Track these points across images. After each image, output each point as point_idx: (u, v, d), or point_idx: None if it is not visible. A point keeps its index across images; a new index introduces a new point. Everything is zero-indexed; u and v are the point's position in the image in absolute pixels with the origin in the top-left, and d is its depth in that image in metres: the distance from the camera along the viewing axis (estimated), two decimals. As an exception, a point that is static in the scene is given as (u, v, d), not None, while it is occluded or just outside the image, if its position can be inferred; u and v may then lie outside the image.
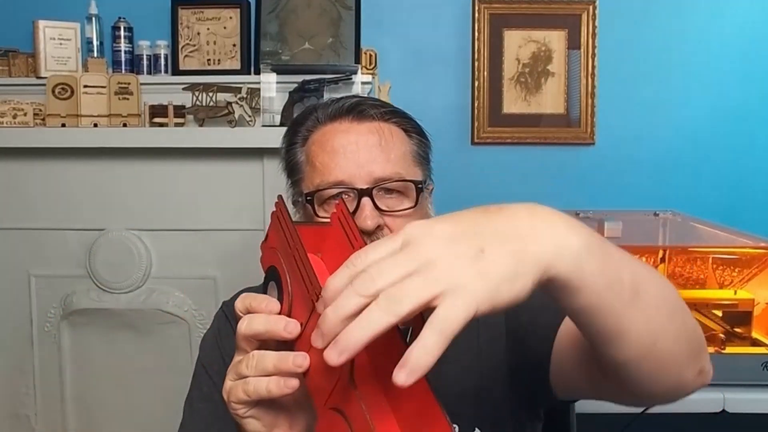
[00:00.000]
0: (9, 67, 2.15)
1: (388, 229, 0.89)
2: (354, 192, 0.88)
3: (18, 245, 2.21)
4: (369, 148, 0.90)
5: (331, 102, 0.95)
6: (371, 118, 0.92)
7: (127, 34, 2.19)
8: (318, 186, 0.90)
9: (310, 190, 0.91)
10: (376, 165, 0.89)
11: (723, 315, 1.63)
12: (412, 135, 0.95)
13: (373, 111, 0.92)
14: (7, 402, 2.28)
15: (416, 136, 0.96)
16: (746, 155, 2.31)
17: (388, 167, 0.89)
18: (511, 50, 2.31)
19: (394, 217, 0.89)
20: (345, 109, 0.92)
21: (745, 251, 1.64)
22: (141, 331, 2.20)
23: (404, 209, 0.90)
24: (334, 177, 0.89)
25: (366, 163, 0.89)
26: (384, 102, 0.97)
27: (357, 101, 0.93)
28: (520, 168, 2.33)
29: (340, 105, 0.93)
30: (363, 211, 0.87)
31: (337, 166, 0.89)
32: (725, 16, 2.29)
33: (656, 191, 2.30)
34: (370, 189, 0.88)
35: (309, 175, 0.92)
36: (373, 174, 0.89)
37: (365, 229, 0.86)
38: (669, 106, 2.31)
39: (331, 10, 2.21)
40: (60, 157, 2.14)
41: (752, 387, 1.47)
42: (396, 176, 0.89)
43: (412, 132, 0.95)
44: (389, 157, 0.90)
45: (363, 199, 0.87)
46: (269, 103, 2.06)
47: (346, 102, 0.93)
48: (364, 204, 0.87)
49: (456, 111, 2.30)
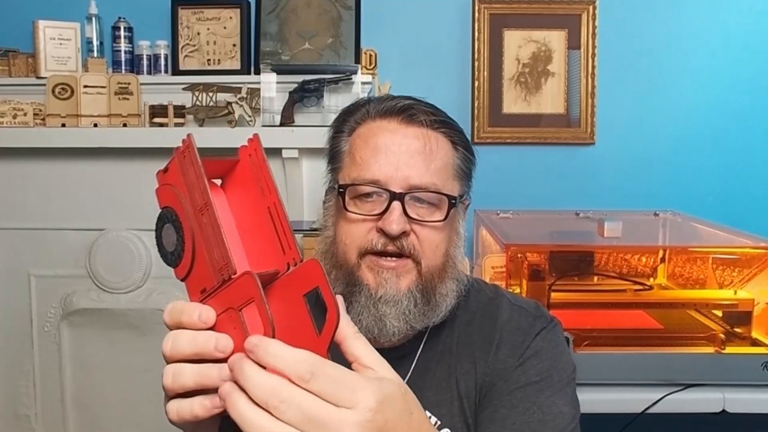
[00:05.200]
0: (9, 67, 2.15)
1: (414, 236, 0.88)
2: (387, 194, 0.87)
3: (18, 245, 2.21)
4: (411, 153, 0.88)
5: (386, 98, 0.94)
6: (420, 123, 0.90)
7: (127, 34, 2.19)
8: (354, 180, 0.89)
9: (345, 183, 0.90)
10: (414, 171, 0.87)
11: (723, 315, 1.63)
12: (458, 148, 0.94)
13: (423, 117, 0.90)
14: (7, 402, 2.28)
15: (462, 149, 0.94)
16: (746, 155, 2.31)
17: (425, 176, 0.88)
18: (511, 50, 2.31)
19: (422, 226, 0.88)
20: (396, 109, 0.91)
21: (745, 251, 1.64)
22: (141, 331, 2.20)
23: (433, 221, 0.89)
24: (371, 175, 0.88)
25: (405, 167, 0.87)
26: (438, 109, 0.95)
27: (410, 103, 0.92)
28: (520, 168, 2.33)
29: (393, 104, 0.91)
30: (391, 215, 0.86)
31: (376, 163, 0.88)
32: (725, 16, 2.29)
33: (656, 191, 2.30)
34: (403, 194, 0.87)
35: (348, 166, 0.91)
36: (409, 180, 0.87)
37: (390, 233, 0.85)
38: (669, 106, 2.31)
39: (331, 10, 2.21)
40: (60, 157, 2.14)
41: (752, 387, 1.47)
42: (431, 187, 0.88)
43: (459, 145, 0.94)
44: (429, 166, 0.88)
45: (393, 202, 0.86)
46: (269, 103, 2.06)
47: (399, 102, 0.92)
48: (393, 207, 0.86)
49: (456, 111, 2.26)
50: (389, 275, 0.87)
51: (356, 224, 0.88)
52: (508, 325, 0.93)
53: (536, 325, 0.94)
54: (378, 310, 0.86)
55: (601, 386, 1.45)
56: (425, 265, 0.88)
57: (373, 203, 0.88)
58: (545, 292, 1.56)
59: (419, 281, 0.88)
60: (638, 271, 1.88)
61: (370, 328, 0.87)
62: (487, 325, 0.94)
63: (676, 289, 1.82)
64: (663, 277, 1.88)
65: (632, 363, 1.48)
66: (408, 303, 0.87)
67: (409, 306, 0.87)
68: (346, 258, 0.89)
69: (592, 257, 1.80)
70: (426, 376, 0.93)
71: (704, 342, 1.54)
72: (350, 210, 0.88)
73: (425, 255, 0.88)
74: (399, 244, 0.86)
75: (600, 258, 1.82)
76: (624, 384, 1.48)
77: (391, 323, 0.86)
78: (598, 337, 1.54)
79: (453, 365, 0.93)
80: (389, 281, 0.87)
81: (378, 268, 0.87)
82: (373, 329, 0.87)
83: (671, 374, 1.48)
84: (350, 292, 0.88)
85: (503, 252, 1.59)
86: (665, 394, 1.45)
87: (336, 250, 0.90)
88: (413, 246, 0.87)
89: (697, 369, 1.48)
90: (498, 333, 0.93)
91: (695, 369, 1.48)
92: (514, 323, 0.94)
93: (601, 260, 1.82)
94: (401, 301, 0.87)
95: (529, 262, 1.60)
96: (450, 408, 0.91)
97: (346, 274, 0.88)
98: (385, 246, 0.87)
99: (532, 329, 0.93)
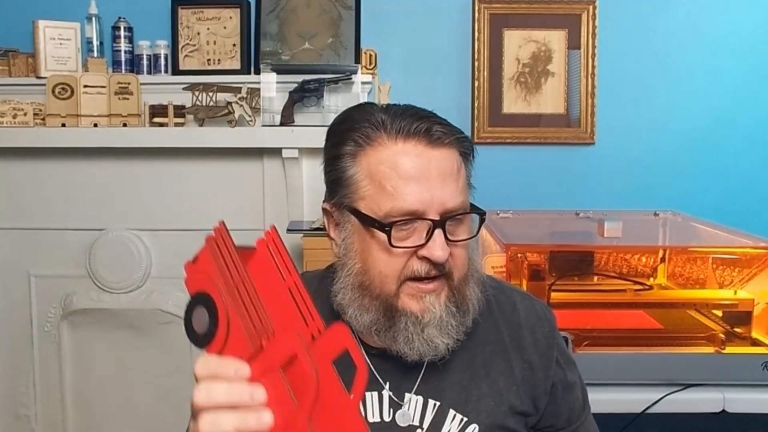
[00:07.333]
0: (9, 67, 2.15)
1: (451, 257, 0.87)
2: (427, 222, 0.86)
3: (18, 245, 2.21)
4: (442, 177, 0.86)
5: (399, 116, 0.89)
6: (444, 145, 0.88)
7: (127, 34, 2.19)
8: (389, 212, 0.86)
9: (379, 216, 0.86)
10: (448, 195, 0.86)
11: (723, 315, 1.63)
12: (468, 157, 0.92)
13: (446, 138, 0.88)
14: (7, 402, 2.28)
15: (470, 158, 0.93)
16: (746, 155, 2.31)
17: (458, 197, 0.87)
18: (511, 50, 2.31)
19: (456, 246, 0.88)
20: (421, 132, 0.87)
21: (745, 251, 1.64)
22: (141, 331, 2.20)
23: (467, 239, 0.90)
24: (409, 205, 0.85)
25: (439, 193, 0.86)
26: (448, 122, 0.91)
27: (431, 125, 0.88)
28: (520, 168, 2.33)
29: (414, 126, 0.87)
30: (435, 243, 0.85)
31: (411, 193, 0.85)
32: (725, 16, 2.29)
33: (656, 191, 2.30)
34: (444, 221, 0.86)
35: (374, 195, 0.87)
36: (446, 205, 0.86)
37: (436, 261, 0.85)
38: (669, 106, 2.31)
39: (331, 10, 2.21)
40: (60, 157, 2.14)
41: (752, 387, 1.47)
42: (463, 207, 0.88)
43: (468, 154, 0.93)
44: (458, 186, 0.88)
45: (436, 231, 0.85)
46: (269, 103, 2.06)
47: (421, 124, 0.87)
48: (436, 236, 0.85)
49: (456, 111, 2.29)
50: (432, 298, 0.87)
51: (398, 256, 0.87)
52: (527, 320, 1.00)
53: (548, 314, 1.02)
54: (426, 333, 0.87)
55: (601, 386, 1.44)
56: (456, 278, 0.89)
57: (408, 231, 0.87)
58: (545, 292, 1.56)
59: (452, 294, 0.89)
60: (638, 271, 1.87)
61: (423, 352, 0.87)
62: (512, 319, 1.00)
63: (676, 289, 1.82)
64: (663, 277, 1.87)
65: (632, 363, 1.48)
66: (448, 318, 0.88)
67: (449, 320, 0.88)
68: (383, 289, 0.88)
69: (592, 257, 1.80)
70: (444, 374, 0.94)
71: (704, 342, 1.54)
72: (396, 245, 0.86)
73: (457, 269, 0.89)
74: (441, 268, 0.87)
75: (600, 258, 1.82)
76: (624, 384, 1.48)
77: (441, 342, 0.87)
78: (598, 337, 1.54)
79: (479, 364, 0.95)
80: (435, 305, 0.87)
81: (420, 294, 0.87)
82: (427, 353, 0.87)
83: (671, 374, 1.47)
84: (392, 322, 0.88)
85: (503, 252, 1.59)
86: (665, 394, 1.45)
87: (370, 282, 0.88)
88: (450, 266, 0.88)
89: (697, 369, 1.47)
90: (525, 329, 0.99)
91: (695, 369, 1.47)
92: (533, 317, 1.01)
93: (601, 260, 1.82)
94: (443, 318, 0.87)
95: (529, 262, 1.60)
96: (476, 405, 0.93)
97: (384, 303, 0.88)
98: (429, 272, 0.87)
99: (546, 319, 1.01)
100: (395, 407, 0.92)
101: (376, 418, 0.92)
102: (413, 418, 0.92)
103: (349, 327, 0.90)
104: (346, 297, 0.90)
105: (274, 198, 2.12)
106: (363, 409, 0.92)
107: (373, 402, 0.93)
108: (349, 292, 0.90)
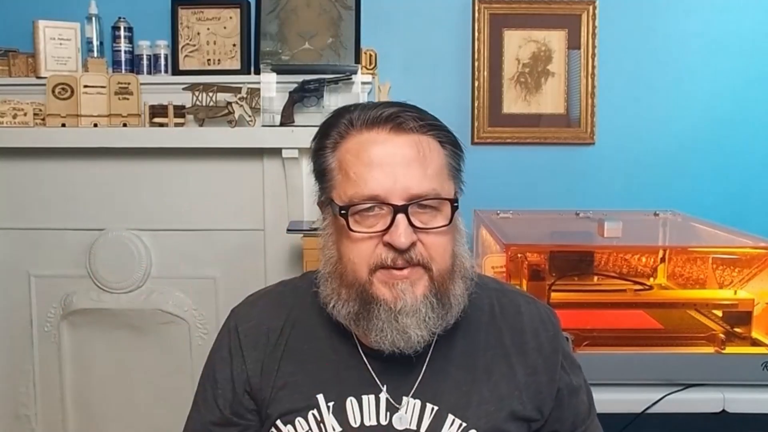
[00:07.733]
0: (9, 67, 2.15)
1: (421, 244, 0.87)
2: (389, 207, 0.86)
3: (18, 245, 2.21)
4: (406, 162, 0.87)
5: (367, 107, 0.91)
6: (410, 130, 0.88)
7: (127, 34, 2.19)
8: (351, 198, 0.87)
9: (343, 202, 0.88)
10: (413, 181, 0.86)
11: (723, 315, 1.63)
12: (446, 146, 0.92)
13: (412, 123, 0.88)
14: (7, 402, 2.28)
15: (450, 146, 0.93)
16: (746, 155, 2.31)
17: (424, 183, 0.87)
18: (511, 50, 2.31)
19: (428, 233, 0.87)
20: (383, 119, 0.89)
21: (745, 251, 1.64)
22: (141, 331, 2.20)
23: (438, 227, 0.88)
24: (370, 191, 0.86)
25: (403, 178, 0.86)
26: (422, 112, 0.92)
27: (396, 111, 0.89)
28: (520, 168, 2.33)
29: (377, 114, 0.89)
30: (397, 228, 0.85)
31: (373, 179, 0.86)
32: (725, 16, 2.29)
33: (656, 191, 2.30)
34: (406, 206, 0.86)
35: (341, 184, 0.89)
36: (410, 190, 0.86)
37: (399, 247, 0.85)
38: (669, 106, 2.31)
39: (331, 10, 2.21)
40: (60, 157, 2.14)
41: (752, 387, 1.47)
42: (432, 193, 0.87)
43: (446, 143, 0.92)
44: (426, 172, 0.87)
45: (398, 216, 0.85)
46: (269, 103, 2.06)
47: (384, 111, 0.89)
48: (398, 221, 0.85)
49: (456, 111, 2.30)
50: (404, 285, 0.87)
51: (362, 242, 0.87)
52: (531, 324, 0.99)
53: (552, 318, 1.02)
54: (399, 323, 0.86)
55: (601, 386, 1.44)
56: (436, 270, 0.88)
57: (375, 217, 0.87)
58: (545, 292, 1.56)
59: (432, 286, 0.88)
60: (638, 271, 1.87)
61: (396, 341, 0.87)
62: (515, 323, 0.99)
63: (676, 289, 1.82)
64: (663, 277, 1.88)
65: (632, 363, 1.48)
66: (426, 310, 0.87)
67: (427, 313, 0.87)
68: (356, 276, 0.88)
69: (592, 257, 1.80)
70: (443, 378, 0.93)
71: (704, 342, 1.54)
72: (355, 230, 0.87)
73: (435, 260, 0.88)
74: (408, 257, 0.86)
75: (600, 258, 1.82)
76: (624, 384, 1.48)
77: (414, 333, 0.87)
78: (598, 337, 1.54)
79: (481, 368, 0.94)
80: (406, 292, 0.87)
81: (392, 281, 0.87)
82: (399, 342, 0.87)
83: (671, 374, 1.47)
84: (366, 310, 0.87)
85: (503, 252, 1.59)
86: (665, 394, 1.45)
87: (344, 270, 0.89)
88: (421, 254, 0.87)
89: (697, 369, 1.47)
90: (528, 334, 0.98)
91: (695, 369, 1.47)
92: (536, 320, 1.00)
93: (601, 260, 1.82)
94: (419, 309, 0.87)
95: (529, 262, 1.60)
96: (476, 410, 0.92)
97: (359, 292, 0.88)
98: (395, 261, 0.86)
99: (551, 323, 1.01)
100: (392, 410, 0.91)
101: (372, 421, 0.91)
102: (410, 421, 0.91)
103: (336, 322, 0.92)
104: (327, 289, 0.91)
105: (274, 198, 2.12)
106: (359, 411, 0.91)
107: (369, 404, 0.91)
108: (328, 283, 0.91)
